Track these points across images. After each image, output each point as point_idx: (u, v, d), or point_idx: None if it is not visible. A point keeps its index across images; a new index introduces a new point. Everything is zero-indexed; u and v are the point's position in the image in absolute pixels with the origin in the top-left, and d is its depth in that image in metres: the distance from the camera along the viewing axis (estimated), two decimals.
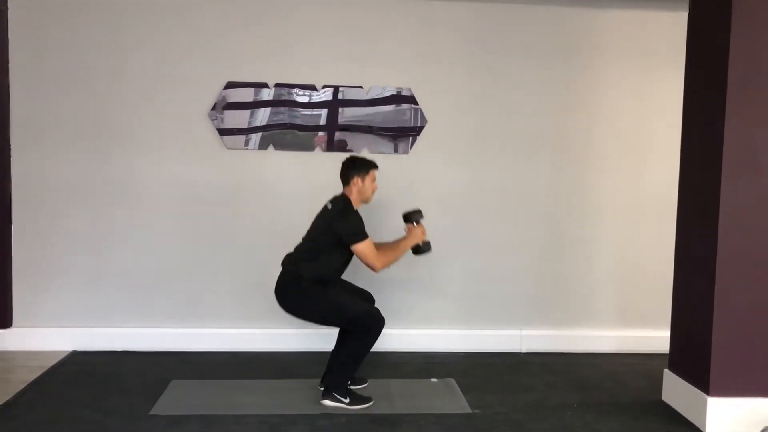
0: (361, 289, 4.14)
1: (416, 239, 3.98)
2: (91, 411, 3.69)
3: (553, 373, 4.53)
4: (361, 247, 3.78)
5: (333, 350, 4.05)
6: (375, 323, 3.76)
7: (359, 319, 3.76)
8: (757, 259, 3.59)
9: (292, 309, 3.89)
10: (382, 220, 4.76)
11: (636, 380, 4.41)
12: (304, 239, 4.00)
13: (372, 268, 3.85)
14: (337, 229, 3.79)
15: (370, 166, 3.95)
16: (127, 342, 4.77)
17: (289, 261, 3.94)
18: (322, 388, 3.89)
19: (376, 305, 4.04)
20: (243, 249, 4.82)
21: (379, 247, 3.97)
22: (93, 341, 4.75)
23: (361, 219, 3.88)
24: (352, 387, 3.96)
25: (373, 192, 3.99)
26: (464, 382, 4.27)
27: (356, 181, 3.90)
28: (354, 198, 3.92)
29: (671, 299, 4.06)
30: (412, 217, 4.06)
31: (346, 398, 3.79)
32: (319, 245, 3.87)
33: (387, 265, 3.88)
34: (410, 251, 4.03)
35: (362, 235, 3.79)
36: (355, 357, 3.81)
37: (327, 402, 3.80)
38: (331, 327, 4.09)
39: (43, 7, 4.65)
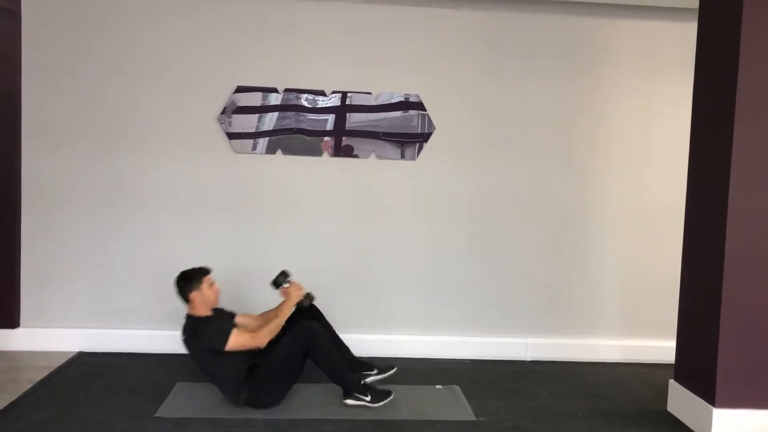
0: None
1: (294, 300, 3.99)
2: (97, 411, 3.70)
3: (558, 381, 4.52)
4: (232, 344, 3.70)
5: None
6: (308, 337, 3.77)
7: (296, 349, 3.77)
8: (765, 268, 3.58)
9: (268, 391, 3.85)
10: (387, 226, 4.79)
11: (641, 390, 4.40)
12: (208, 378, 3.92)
13: (257, 347, 3.80)
14: (205, 346, 3.73)
15: (201, 274, 3.88)
16: (134, 343, 4.79)
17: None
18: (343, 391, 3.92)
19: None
20: (250, 252, 4.84)
21: (263, 316, 4.01)
22: (99, 342, 4.77)
23: (216, 320, 3.83)
24: (369, 378, 4.02)
25: (216, 295, 3.91)
26: (469, 389, 4.26)
27: (195, 296, 3.82)
28: (200, 311, 3.84)
29: (677, 309, 4.06)
30: (280, 282, 4.05)
31: (367, 396, 3.83)
32: (213, 370, 3.79)
33: (272, 335, 3.82)
34: (296, 310, 4.06)
35: (226, 334, 3.70)
36: (332, 368, 3.83)
37: (350, 401, 3.84)
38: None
39: (56, 9, 4.69)
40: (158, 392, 4.01)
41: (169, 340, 4.76)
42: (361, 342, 4.82)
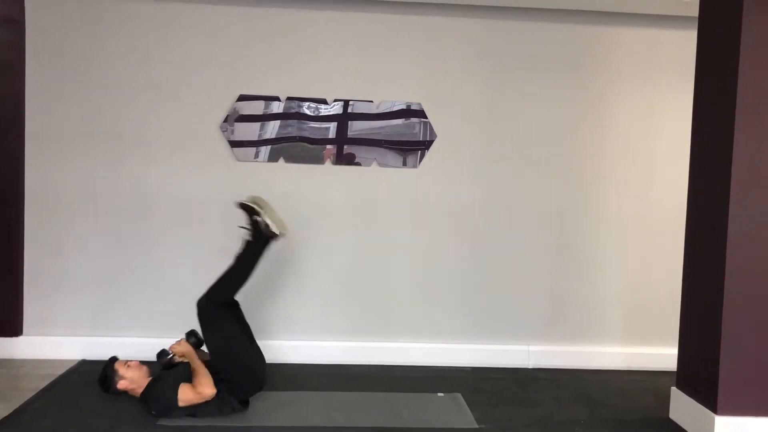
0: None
1: (187, 350, 3.90)
2: (100, 419, 3.71)
3: (561, 388, 4.52)
4: (185, 400, 3.72)
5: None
6: (205, 315, 3.87)
7: (212, 328, 3.84)
8: (766, 275, 3.58)
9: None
10: (388, 233, 4.81)
11: (643, 397, 4.40)
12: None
13: (210, 393, 3.77)
14: (154, 409, 3.74)
15: (112, 365, 3.93)
16: (136, 351, 4.77)
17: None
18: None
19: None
20: None
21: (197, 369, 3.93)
22: (102, 350, 4.75)
23: (159, 383, 3.82)
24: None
25: (139, 370, 3.92)
26: (471, 397, 4.26)
27: (123, 384, 3.87)
28: (139, 387, 3.87)
29: (679, 316, 4.06)
30: (168, 364, 3.97)
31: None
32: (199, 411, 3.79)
33: (208, 378, 3.77)
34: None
35: (172, 398, 3.70)
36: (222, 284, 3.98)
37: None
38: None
39: (59, 18, 4.72)
40: None
41: None
42: (363, 349, 4.84)
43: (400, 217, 4.91)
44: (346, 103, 4.84)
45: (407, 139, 4.89)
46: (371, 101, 4.85)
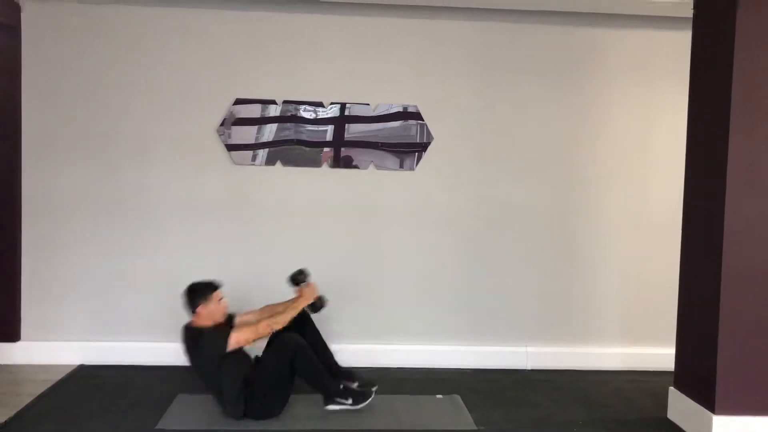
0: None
1: (308, 299, 4.00)
2: (98, 424, 3.71)
3: (559, 389, 4.52)
4: (234, 344, 3.73)
5: None
6: (289, 349, 3.77)
7: (282, 362, 3.77)
8: (763, 275, 3.60)
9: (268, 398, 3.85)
10: (386, 236, 4.82)
11: (641, 398, 4.41)
12: (208, 390, 3.93)
13: (260, 338, 3.82)
14: (206, 355, 3.74)
15: (212, 288, 3.91)
16: (134, 356, 4.79)
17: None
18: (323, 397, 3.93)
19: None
20: (250, 263, 4.85)
21: (270, 309, 4.02)
22: (100, 355, 4.77)
23: (212, 329, 3.83)
24: (356, 389, 4.00)
25: (222, 313, 3.94)
26: (469, 399, 4.27)
27: (201, 309, 3.85)
28: (204, 323, 3.85)
29: (676, 316, 4.07)
30: (298, 279, 4.06)
31: (348, 399, 3.86)
32: (214, 381, 3.79)
33: (273, 329, 3.84)
34: (310, 310, 4.07)
35: (225, 337, 3.72)
36: (313, 376, 3.85)
37: (331, 407, 3.87)
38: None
39: (55, 24, 4.72)
40: (159, 404, 4.01)
41: (170, 353, 4.77)
42: (361, 352, 4.84)
43: (398, 220, 4.92)
44: (342, 105, 4.85)
45: (404, 141, 4.89)
46: (368, 104, 4.86)
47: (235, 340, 3.74)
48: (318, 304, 4.07)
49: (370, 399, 3.91)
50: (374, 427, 3.76)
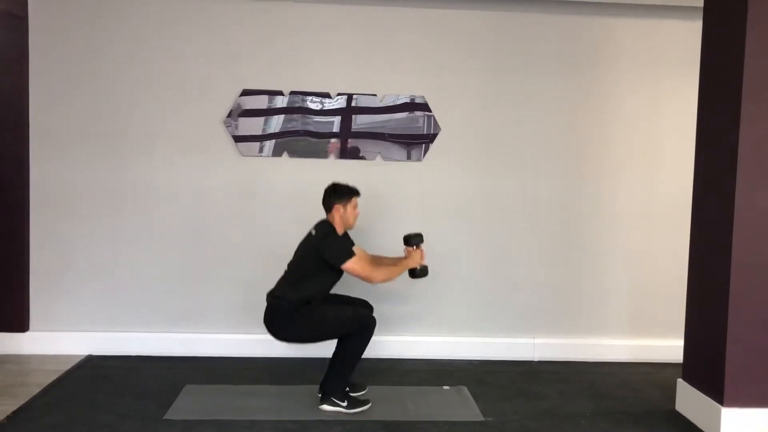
0: (355, 298, 4.16)
1: (414, 262, 4.02)
2: (106, 415, 3.72)
3: (566, 381, 4.52)
4: (350, 265, 3.80)
5: (332, 356, 4.02)
6: (363, 324, 3.79)
7: (346, 325, 3.79)
8: None
9: (284, 336, 3.93)
10: (394, 227, 4.80)
11: (649, 390, 4.39)
12: (288, 268, 4.00)
13: (368, 281, 3.88)
14: (323, 253, 3.81)
15: (352, 193, 3.98)
16: (142, 346, 4.81)
17: (272, 294, 3.95)
18: (320, 394, 3.91)
19: (376, 310, 4.09)
20: (257, 255, 4.85)
21: (377, 260, 4.05)
22: (108, 346, 4.79)
23: (347, 239, 3.92)
24: (351, 393, 3.98)
25: (355, 219, 4.00)
26: (476, 390, 4.27)
27: (337, 208, 3.92)
28: (337, 224, 3.94)
29: (685, 308, 4.05)
30: (412, 240, 4.07)
31: (344, 402, 3.83)
32: (303, 272, 3.88)
33: (384, 279, 3.90)
34: (408, 274, 4.06)
35: (349, 254, 3.81)
36: (350, 360, 3.84)
37: (326, 407, 3.84)
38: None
39: (62, 14, 4.71)
40: (167, 395, 4.03)
41: (178, 343, 4.81)
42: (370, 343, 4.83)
43: (405, 211, 4.90)
44: (349, 96, 4.83)
45: (411, 132, 4.88)
46: (375, 95, 4.84)
47: (355, 262, 3.80)
48: (419, 271, 4.05)
49: (366, 407, 3.87)
50: (382, 418, 3.77)
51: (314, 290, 3.88)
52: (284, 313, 3.83)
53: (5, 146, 4.72)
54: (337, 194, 3.96)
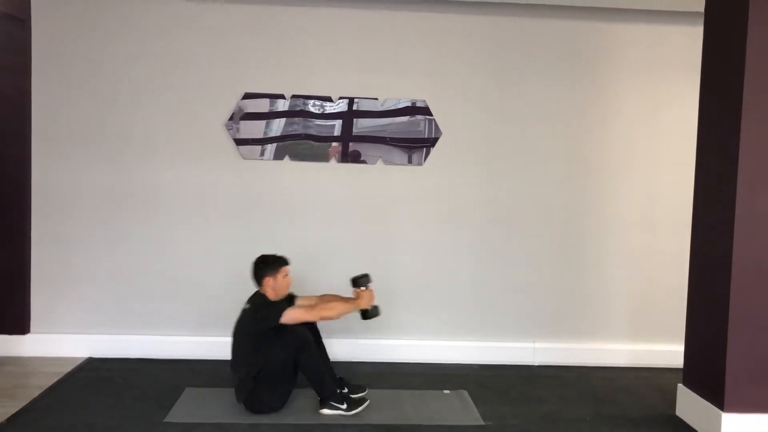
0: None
1: (364, 303, 3.98)
2: (107, 417, 3.72)
3: (567, 386, 4.51)
4: (287, 317, 3.77)
5: None
6: (298, 341, 3.77)
7: (289, 350, 3.77)
8: None
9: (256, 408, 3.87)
10: (396, 233, 4.82)
11: (650, 394, 4.39)
12: (231, 354, 3.95)
13: (315, 320, 3.92)
14: (258, 323, 3.79)
15: (281, 263, 3.95)
16: (143, 349, 4.81)
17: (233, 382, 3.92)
18: (319, 399, 3.91)
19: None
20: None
21: (328, 298, 4.03)
22: (109, 348, 4.79)
23: (279, 302, 3.89)
24: (351, 395, 3.98)
25: (287, 288, 3.98)
26: (477, 394, 4.26)
27: (267, 280, 3.91)
28: (269, 296, 3.93)
29: (685, 313, 4.05)
30: (359, 282, 4.03)
31: (343, 405, 3.84)
32: (245, 353, 3.82)
33: (331, 315, 3.88)
34: (360, 316, 4.03)
35: (282, 310, 3.78)
36: (314, 374, 3.83)
37: (325, 411, 3.84)
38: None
39: (65, 17, 4.73)
40: (167, 398, 4.03)
41: (179, 346, 4.81)
42: (368, 346, 4.84)
43: (406, 215, 4.91)
44: (351, 100, 4.84)
45: (412, 136, 4.88)
46: (376, 98, 4.85)
47: (289, 315, 3.77)
48: (370, 312, 4.02)
49: (364, 406, 3.88)
50: (382, 422, 3.76)
51: (258, 366, 3.78)
52: (253, 403, 3.83)
53: (7, 148, 4.72)
54: (267, 266, 3.93)
